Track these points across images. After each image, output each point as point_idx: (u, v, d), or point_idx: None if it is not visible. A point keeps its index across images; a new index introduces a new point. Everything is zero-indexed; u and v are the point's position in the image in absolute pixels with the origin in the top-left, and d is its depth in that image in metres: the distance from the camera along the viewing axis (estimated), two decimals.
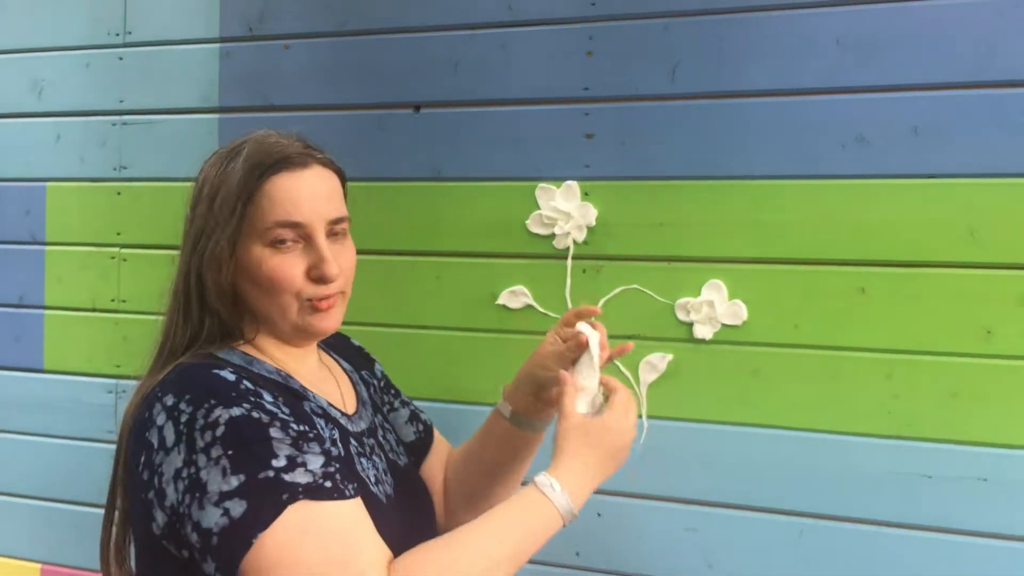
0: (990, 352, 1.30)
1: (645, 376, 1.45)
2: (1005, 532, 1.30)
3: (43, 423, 1.87)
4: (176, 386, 0.97)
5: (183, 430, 0.92)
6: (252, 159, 1.03)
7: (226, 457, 0.90)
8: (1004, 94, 1.29)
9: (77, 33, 1.83)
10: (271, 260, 1.03)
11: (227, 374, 0.97)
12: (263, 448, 0.91)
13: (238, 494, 0.89)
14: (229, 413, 0.92)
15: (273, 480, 0.90)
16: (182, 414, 0.93)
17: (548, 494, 1.02)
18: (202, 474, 0.90)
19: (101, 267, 1.82)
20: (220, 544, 0.88)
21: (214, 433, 0.91)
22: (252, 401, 0.94)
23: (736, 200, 1.41)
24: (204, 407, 0.93)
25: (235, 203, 1.01)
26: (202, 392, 0.94)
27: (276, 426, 0.93)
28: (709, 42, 1.42)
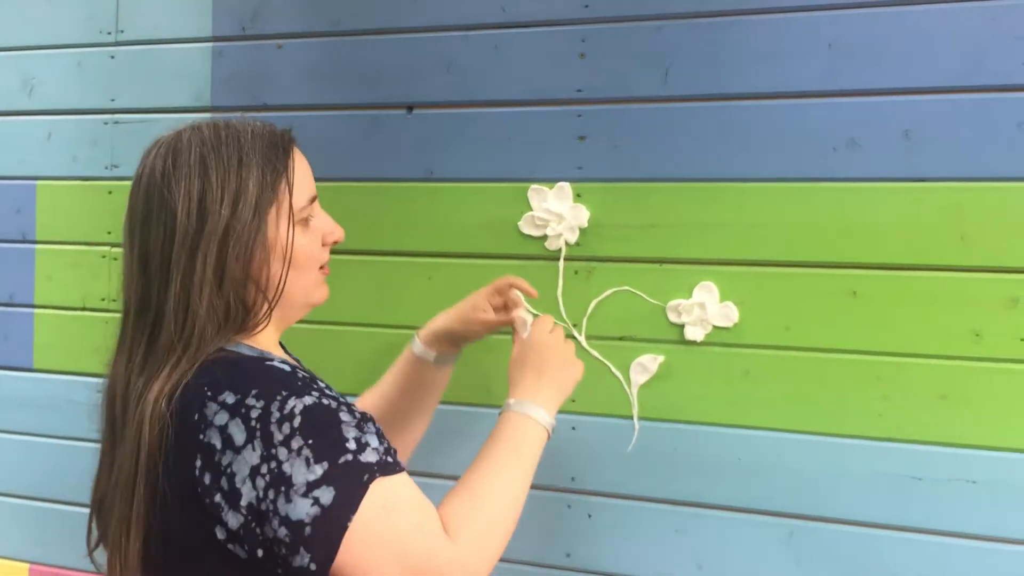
0: (979, 355, 1.31)
1: (636, 377, 1.46)
2: (994, 534, 1.30)
3: (32, 422, 1.86)
4: (232, 383, 0.95)
5: (256, 426, 0.92)
6: (263, 146, 1.02)
7: (307, 447, 0.91)
8: (994, 98, 1.30)
9: (69, 31, 1.82)
10: (303, 238, 1.04)
11: (280, 364, 0.99)
12: (337, 433, 0.94)
13: (324, 482, 0.91)
14: (302, 403, 0.93)
15: (352, 463, 0.93)
16: (252, 409, 0.92)
17: (526, 411, 1.15)
18: (285, 467, 0.91)
19: (92, 266, 1.81)
20: (314, 534, 0.90)
21: (292, 424, 0.92)
22: (315, 387, 0.97)
23: (728, 202, 1.41)
24: (277, 399, 0.93)
25: (266, 191, 1.00)
26: (270, 385, 0.95)
27: (344, 410, 0.97)
28: (702, 45, 1.42)
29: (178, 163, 1.00)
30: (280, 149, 1.03)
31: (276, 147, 1.03)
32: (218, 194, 0.98)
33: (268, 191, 1.01)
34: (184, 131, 1.04)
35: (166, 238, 0.98)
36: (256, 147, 1.01)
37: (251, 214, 0.99)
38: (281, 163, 1.02)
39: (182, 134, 1.03)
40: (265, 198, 1.00)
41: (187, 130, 1.04)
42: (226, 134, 1.02)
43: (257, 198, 0.99)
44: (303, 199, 1.05)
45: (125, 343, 1.03)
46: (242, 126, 1.04)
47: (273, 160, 1.02)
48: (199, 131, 1.03)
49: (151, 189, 1.01)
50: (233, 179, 0.99)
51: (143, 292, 1.00)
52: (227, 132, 1.02)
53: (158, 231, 0.99)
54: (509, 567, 1.53)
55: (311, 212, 1.07)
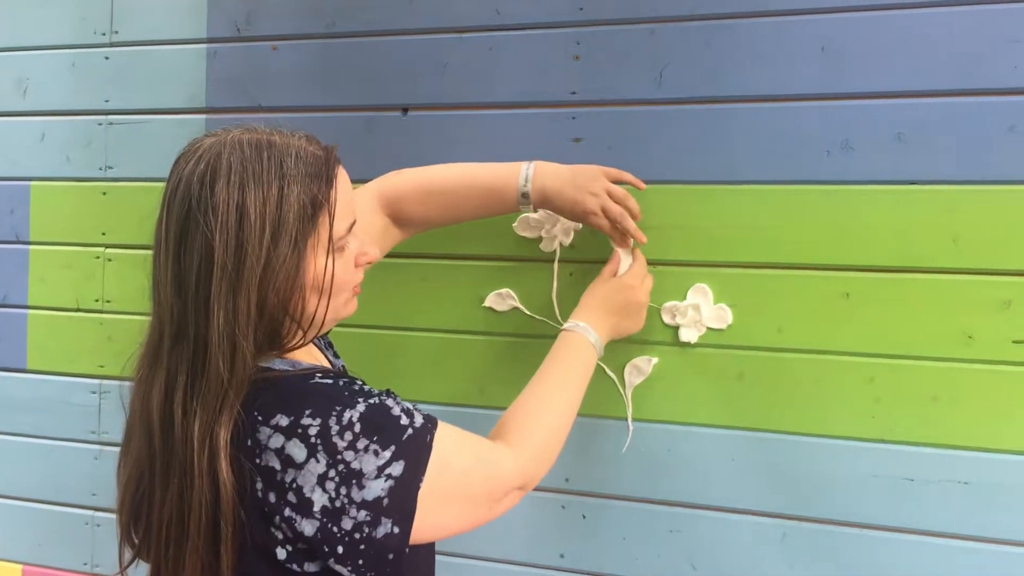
0: (971, 357, 1.32)
1: (631, 379, 1.46)
2: (986, 535, 1.31)
3: (26, 423, 1.86)
4: (283, 406, 0.96)
5: (316, 442, 0.94)
6: (304, 175, 0.98)
7: (373, 443, 0.96)
8: (986, 102, 1.30)
9: (63, 32, 1.82)
10: (339, 265, 1.03)
11: (323, 379, 1.01)
12: (392, 421, 0.99)
13: (394, 459, 0.97)
14: (357, 411, 0.97)
15: (414, 434, 0.99)
16: (309, 427, 0.95)
17: (576, 331, 1.28)
18: (354, 464, 0.95)
19: (86, 267, 1.81)
20: (392, 503, 0.96)
21: (353, 431, 0.96)
22: (359, 391, 1.01)
23: (722, 205, 1.42)
24: (333, 414, 0.96)
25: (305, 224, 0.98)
26: (321, 402, 0.97)
27: (386, 398, 1.02)
28: (696, 47, 1.43)
29: (216, 187, 0.95)
30: (323, 178, 1.00)
31: (319, 175, 0.99)
32: (256, 226, 0.95)
33: (308, 224, 0.98)
34: (225, 145, 0.98)
35: (203, 267, 0.95)
36: (299, 174, 0.98)
37: (290, 248, 0.96)
38: (323, 194, 0.99)
39: (222, 151, 0.97)
40: (305, 231, 0.98)
41: (228, 145, 0.98)
42: (268, 156, 0.97)
43: (297, 231, 0.97)
44: (343, 228, 1.02)
45: (161, 362, 0.99)
46: (286, 145, 0.99)
47: (315, 191, 0.98)
48: (240, 149, 0.98)
49: (187, 210, 0.97)
50: (273, 210, 0.96)
51: (180, 318, 0.97)
52: (269, 154, 0.98)
53: (194, 257, 0.96)
54: (503, 567, 1.54)
55: (348, 239, 1.05)
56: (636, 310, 1.36)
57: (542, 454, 1.15)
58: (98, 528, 1.81)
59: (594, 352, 1.28)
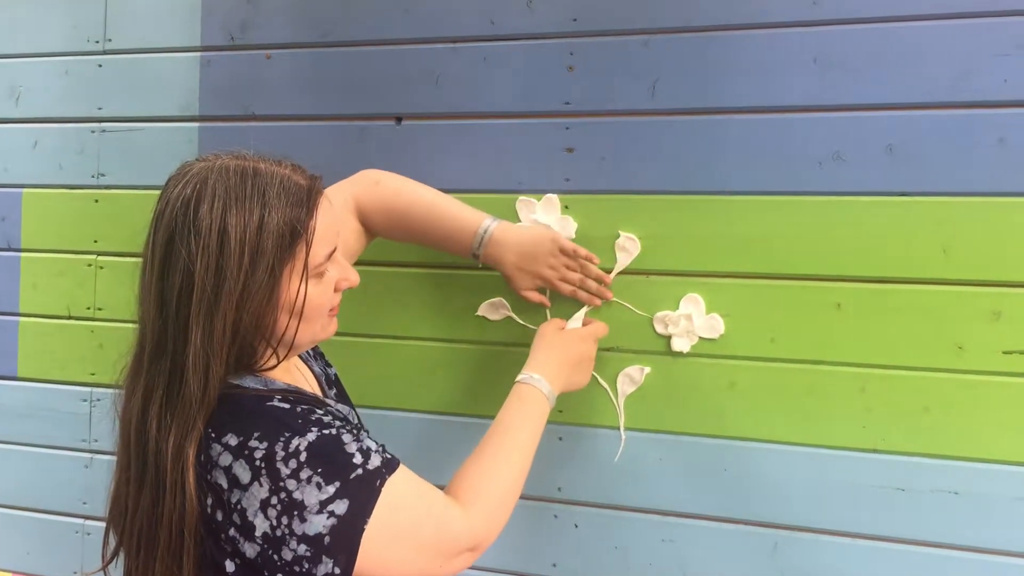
0: (962, 367, 1.32)
1: (623, 388, 1.46)
2: (977, 545, 1.32)
3: (16, 431, 1.85)
4: (235, 425, 0.98)
5: (261, 465, 0.95)
6: (286, 204, 1.01)
7: (317, 475, 0.96)
8: (976, 114, 1.31)
9: (56, 39, 1.82)
10: (315, 290, 1.05)
11: (280, 403, 1.02)
12: (342, 455, 0.99)
13: (338, 496, 0.96)
14: (306, 440, 0.97)
15: (363, 475, 0.98)
16: (256, 451, 0.96)
17: (531, 383, 1.26)
18: (296, 495, 0.95)
19: (77, 274, 1.81)
20: (333, 542, 0.95)
21: (298, 460, 0.96)
22: (314, 420, 1.00)
23: (714, 215, 1.42)
24: (281, 439, 0.97)
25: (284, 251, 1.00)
26: (271, 426, 0.98)
27: (344, 432, 1.01)
28: (689, 59, 1.43)
29: (199, 212, 0.98)
30: (304, 208, 1.02)
31: (300, 205, 1.02)
32: (236, 251, 0.98)
33: (286, 253, 1.01)
34: (212, 170, 1.01)
35: (183, 287, 0.98)
36: (280, 203, 1.00)
37: (267, 274, 0.99)
38: (302, 223, 1.02)
39: (208, 176, 1.01)
40: (282, 260, 1.01)
41: (215, 171, 1.01)
42: (252, 184, 1.01)
43: (274, 258, 1.00)
44: (321, 256, 1.04)
45: (141, 376, 1.03)
46: (271, 174, 1.02)
47: (294, 221, 1.01)
48: (225, 175, 1.01)
49: (171, 232, 1.00)
50: (252, 237, 0.98)
51: (160, 335, 1.00)
52: (254, 182, 1.01)
53: (176, 277, 0.99)
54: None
55: (328, 265, 1.07)
56: (588, 365, 1.38)
57: (494, 515, 1.12)
58: (88, 536, 1.80)
59: (548, 406, 1.26)
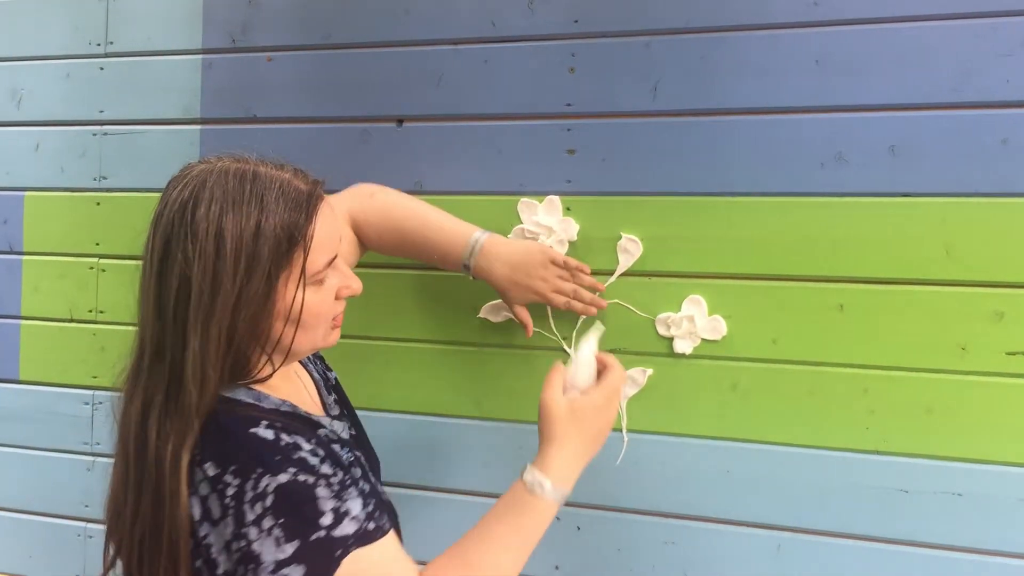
0: (965, 368, 1.32)
1: (625, 390, 1.46)
2: (980, 547, 1.31)
3: (18, 434, 1.85)
4: (216, 453, 0.96)
5: (230, 504, 0.93)
6: (284, 210, 0.99)
7: (278, 526, 0.92)
8: (979, 115, 1.31)
9: (58, 42, 1.82)
10: (315, 297, 1.03)
11: (265, 431, 0.97)
12: (311, 509, 0.94)
13: (294, 560, 0.91)
14: (276, 481, 0.93)
15: (325, 539, 0.93)
16: (228, 487, 0.93)
17: (540, 494, 1.04)
18: (255, 546, 0.92)
19: (79, 277, 1.81)
20: None
21: (264, 504, 0.92)
22: (295, 460, 0.96)
23: (716, 216, 1.42)
24: (252, 478, 0.93)
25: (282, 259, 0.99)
26: (247, 461, 0.95)
27: (321, 484, 0.95)
28: (690, 60, 1.43)
29: (196, 216, 0.97)
30: (303, 214, 1.00)
31: (299, 210, 1.00)
32: (232, 257, 0.96)
33: (283, 259, 0.99)
34: (212, 173, 1.00)
35: (181, 292, 0.97)
36: (278, 209, 0.98)
37: (263, 281, 0.98)
38: (300, 231, 1.00)
39: (208, 179, 0.99)
40: (279, 266, 0.99)
41: (214, 174, 1.00)
42: (251, 188, 0.99)
43: (270, 266, 0.98)
44: (319, 264, 1.02)
45: (141, 380, 1.01)
46: (270, 178, 1.01)
47: (292, 228, 0.99)
48: (224, 179, 0.99)
49: (169, 234, 0.99)
50: (249, 242, 0.97)
51: (159, 339, 0.99)
52: (252, 186, 0.99)
53: (174, 281, 0.97)
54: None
55: (328, 272, 1.05)
56: (607, 431, 1.11)
57: None
58: (90, 539, 1.80)
59: (550, 507, 1.06)
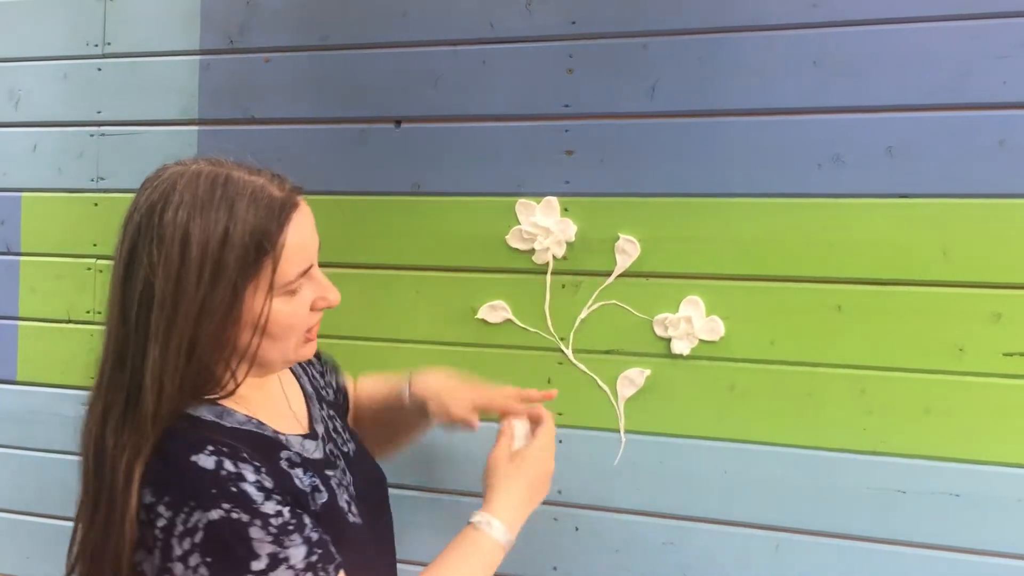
0: (962, 369, 1.32)
1: (623, 391, 1.46)
2: (977, 547, 1.31)
3: (15, 435, 1.85)
4: (155, 480, 0.92)
5: (159, 536, 0.90)
6: (254, 218, 0.94)
7: (204, 565, 0.88)
8: (977, 116, 1.31)
9: (55, 43, 1.82)
10: (287, 309, 0.98)
11: (206, 460, 0.92)
12: (244, 550, 0.89)
13: None
14: (208, 517, 0.88)
15: None
16: (159, 518, 0.90)
17: (488, 531, 1.10)
18: None
19: (77, 278, 1.81)
20: None
21: (193, 540, 0.88)
22: (233, 494, 0.90)
23: (714, 217, 1.42)
24: (183, 512, 0.89)
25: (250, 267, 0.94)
26: (180, 492, 0.90)
27: (257, 524, 0.90)
28: (688, 61, 1.43)
29: (164, 220, 0.93)
30: (275, 222, 0.96)
31: (271, 219, 0.95)
32: (196, 264, 0.92)
33: (250, 268, 0.94)
34: (183, 176, 0.96)
35: (144, 296, 0.94)
36: (247, 217, 0.94)
37: (228, 291, 0.93)
38: (270, 240, 0.95)
39: (178, 181, 0.95)
40: (246, 275, 0.94)
41: (186, 176, 0.96)
42: (221, 193, 0.95)
43: (236, 275, 0.93)
44: (290, 274, 0.98)
45: (102, 390, 0.98)
46: (243, 184, 0.96)
47: (261, 236, 0.94)
48: (195, 182, 0.95)
49: (136, 237, 0.96)
50: (215, 250, 0.93)
51: (122, 345, 0.96)
52: (223, 191, 0.95)
53: (138, 285, 0.94)
54: None
55: (301, 283, 1.00)
56: (547, 480, 1.21)
57: None
58: None
59: (502, 554, 1.12)
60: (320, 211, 1.59)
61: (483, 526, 1.10)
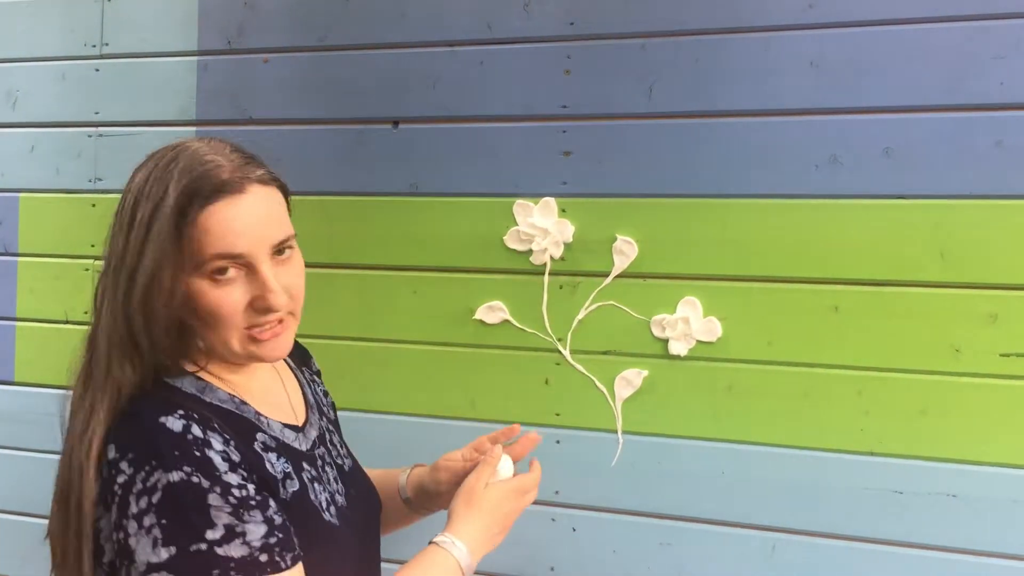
0: (959, 370, 1.32)
1: (620, 392, 1.46)
2: (974, 548, 1.32)
3: (13, 435, 1.85)
4: (121, 439, 0.91)
5: (118, 491, 0.89)
6: (182, 188, 0.93)
7: (158, 527, 0.87)
8: (973, 117, 1.32)
9: (53, 44, 1.82)
10: (212, 293, 0.96)
11: (175, 422, 0.91)
12: (200, 517, 0.87)
13: (166, 567, 0.86)
14: (168, 478, 0.87)
15: (205, 554, 0.86)
16: (121, 474, 0.89)
17: (449, 549, 1.06)
18: (131, 541, 0.87)
19: (74, 279, 1.81)
20: None
21: (150, 499, 0.87)
22: (196, 458, 0.89)
23: (711, 218, 1.42)
24: (144, 470, 0.88)
25: (170, 237, 0.93)
26: (144, 452, 0.89)
27: (216, 492, 0.88)
28: (685, 62, 1.44)
29: (129, 187, 0.96)
30: (202, 198, 0.94)
31: (199, 194, 0.94)
32: (134, 230, 0.93)
33: (170, 243, 0.93)
34: (157, 152, 0.98)
35: (105, 264, 0.97)
36: (184, 188, 0.94)
37: (154, 259, 0.92)
38: (190, 216, 0.93)
39: (154, 155, 0.98)
40: (166, 248, 0.93)
41: (159, 152, 0.98)
42: (174, 164, 0.95)
43: (162, 242, 0.92)
44: (206, 254, 0.94)
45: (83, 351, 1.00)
46: (195, 159, 0.96)
47: (185, 210, 0.93)
48: (158, 157, 0.97)
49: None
50: (147, 217, 0.93)
51: (98, 304, 0.98)
52: (169, 169, 0.95)
53: (106, 245, 0.98)
54: None
55: (227, 268, 0.96)
56: (509, 523, 1.16)
57: None
58: None
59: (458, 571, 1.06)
60: (318, 212, 1.61)
61: (447, 545, 1.06)
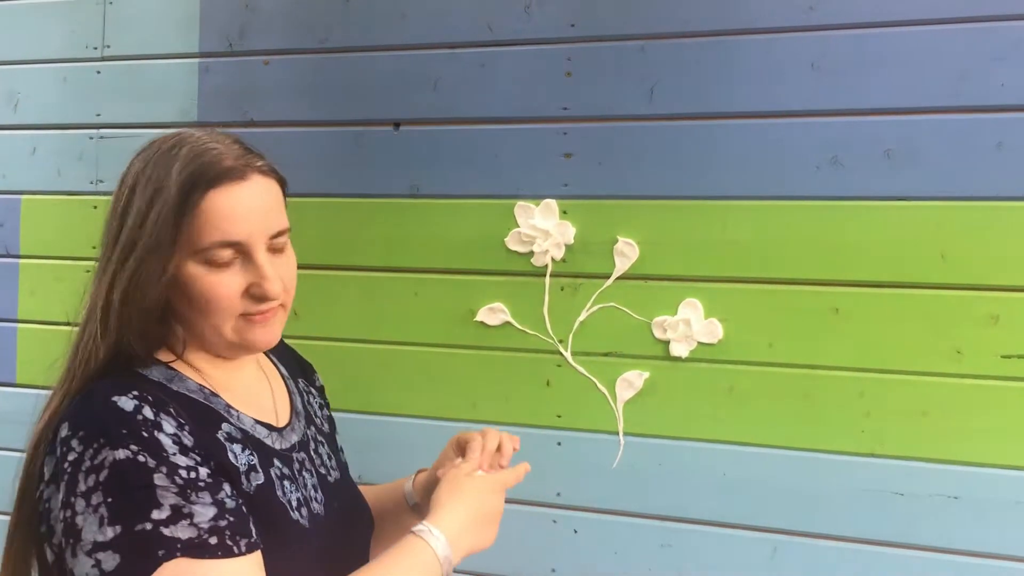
0: (960, 372, 1.32)
1: (622, 393, 1.47)
2: (975, 549, 1.32)
3: (14, 437, 1.82)
4: (74, 417, 0.91)
5: (67, 468, 0.88)
6: (186, 173, 0.94)
7: (105, 505, 0.85)
8: (974, 119, 1.32)
9: (55, 46, 1.82)
10: (207, 279, 0.96)
11: (126, 402, 0.90)
12: (145, 496, 0.86)
13: (112, 546, 0.84)
14: (114, 455, 0.86)
15: (150, 533, 0.85)
16: (71, 451, 0.88)
17: (426, 538, 1.00)
18: (78, 520, 0.86)
19: (76, 281, 1.77)
20: None
21: (97, 477, 0.86)
22: (144, 439, 0.88)
23: (712, 220, 1.42)
24: (92, 447, 0.87)
25: (169, 220, 0.93)
26: (93, 430, 0.88)
27: (162, 472, 0.87)
28: (686, 64, 1.44)
29: (127, 172, 0.97)
30: (202, 185, 0.94)
31: (201, 180, 0.94)
32: (133, 211, 0.94)
33: (170, 225, 0.93)
34: (158, 139, 0.99)
35: (102, 239, 0.98)
36: (180, 178, 0.94)
37: (152, 240, 0.93)
38: (192, 200, 0.94)
39: (154, 142, 0.99)
40: (165, 231, 0.93)
41: (159, 139, 0.99)
42: (175, 151, 0.96)
43: (162, 225, 0.93)
44: (205, 240, 0.95)
45: None
46: (198, 147, 0.96)
47: (188, 194, 0.94)
48: (158, 144, 0.98)
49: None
50: (144, 208, 0.94)
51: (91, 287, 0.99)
52: (171, 154, 0.95)
53: (103, 226, 0.99)
54: None
55: (224, 255, 0.96)
56: (495, 522, 1.09)
57: None
58: None
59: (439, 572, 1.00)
60: (319, 213, 1.61)
61: (423, 534, 1.00)
